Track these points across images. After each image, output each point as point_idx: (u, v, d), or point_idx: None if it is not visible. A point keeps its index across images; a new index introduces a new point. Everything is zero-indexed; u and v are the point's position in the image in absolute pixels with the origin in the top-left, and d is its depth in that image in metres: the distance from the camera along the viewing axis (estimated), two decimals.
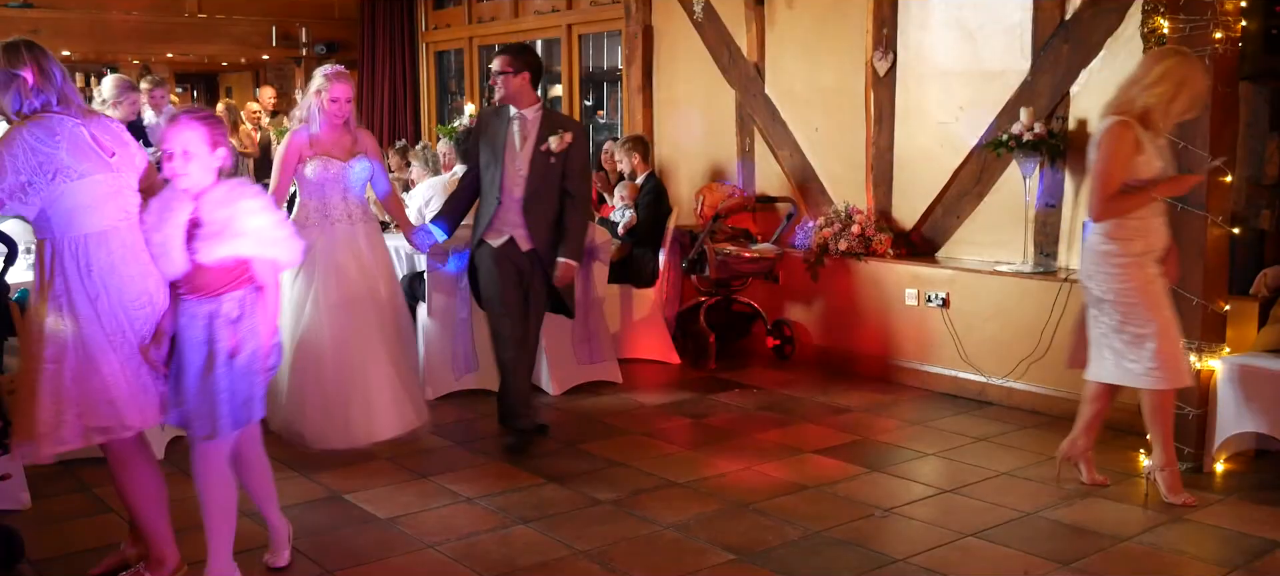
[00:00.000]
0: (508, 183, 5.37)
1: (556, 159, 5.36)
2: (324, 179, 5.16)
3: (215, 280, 3.59)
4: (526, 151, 5.36)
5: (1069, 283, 5.95)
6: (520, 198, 5.36)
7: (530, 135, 5.38)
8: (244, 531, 4.39)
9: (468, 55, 11.27)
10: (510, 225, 5.39)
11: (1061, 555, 4.11)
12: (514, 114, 5.41)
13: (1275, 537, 4.28)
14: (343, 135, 5.23)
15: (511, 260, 5.41)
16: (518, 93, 5.39)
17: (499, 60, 5.45)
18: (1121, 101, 4.53)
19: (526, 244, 5.40)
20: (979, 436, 5.67)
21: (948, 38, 6.77)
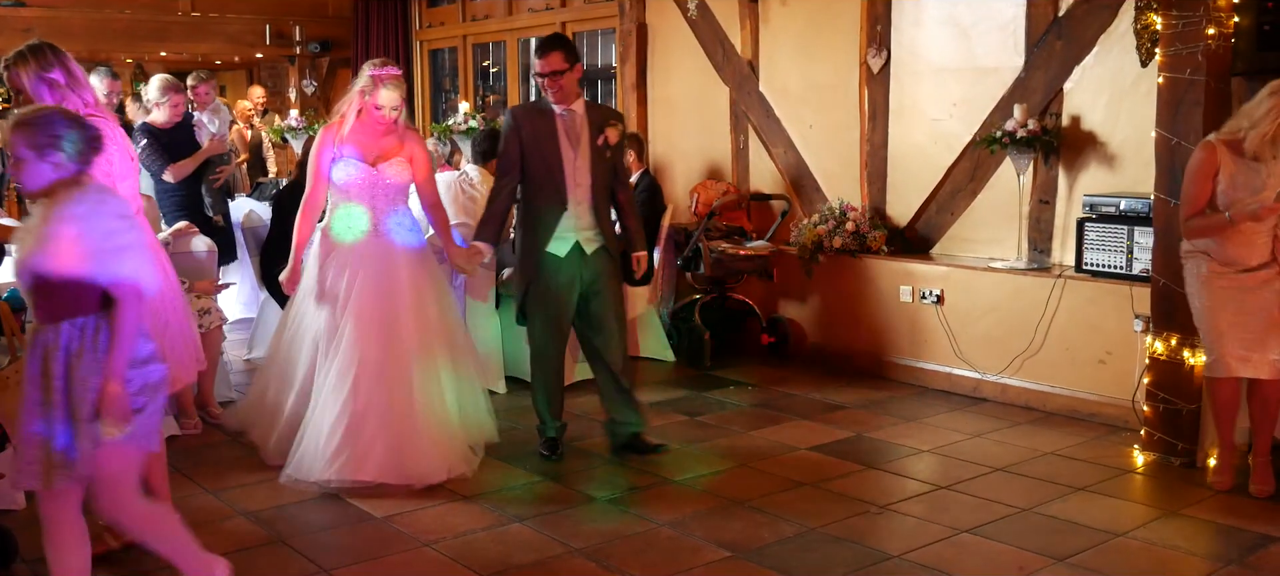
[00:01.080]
0: (569, 184, 5.02)
1: (611, 152, 5.10)
2: (351, 184, 4.82)
3: (54, 304, 3.14)
4: (584, 149, 5.04)
5: (1063, 279, 5.97)
6: (585, 198, 5.05)
7: (581, 131, 5.05)
8: (242, 530, 4.40)
9: (462, 53, 11.25)
10: (576, 228, 5.06)
11: (1056, 551, 4.13)
12: (558, 111, 5.04)
13: (1268, 532, 4.30)
14: (382, 138, 4.86)
15: (575, 270, 5.08)
16: (571, 89, 5.05)
17: (551, 58, 4.99)
18: (1227, 126, 4.67)
19: (594, 244, 5.11)
20: (973, 433, 5.69)
21: (941, 34, 6.78)
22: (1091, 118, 6.14)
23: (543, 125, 5.03)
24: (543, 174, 5.02)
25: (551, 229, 5.02)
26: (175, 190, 6.94)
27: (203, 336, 5.76)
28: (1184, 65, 4.98)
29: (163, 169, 6.89)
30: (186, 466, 5.17)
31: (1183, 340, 5.10)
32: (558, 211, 5.02)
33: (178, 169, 6.91)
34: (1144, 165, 5.52)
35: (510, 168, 5.11)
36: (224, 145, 7.25)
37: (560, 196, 5.01)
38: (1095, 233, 5.84)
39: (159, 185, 6.93)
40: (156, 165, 6.86)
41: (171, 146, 6.91)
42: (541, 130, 5.02)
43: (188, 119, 7.17)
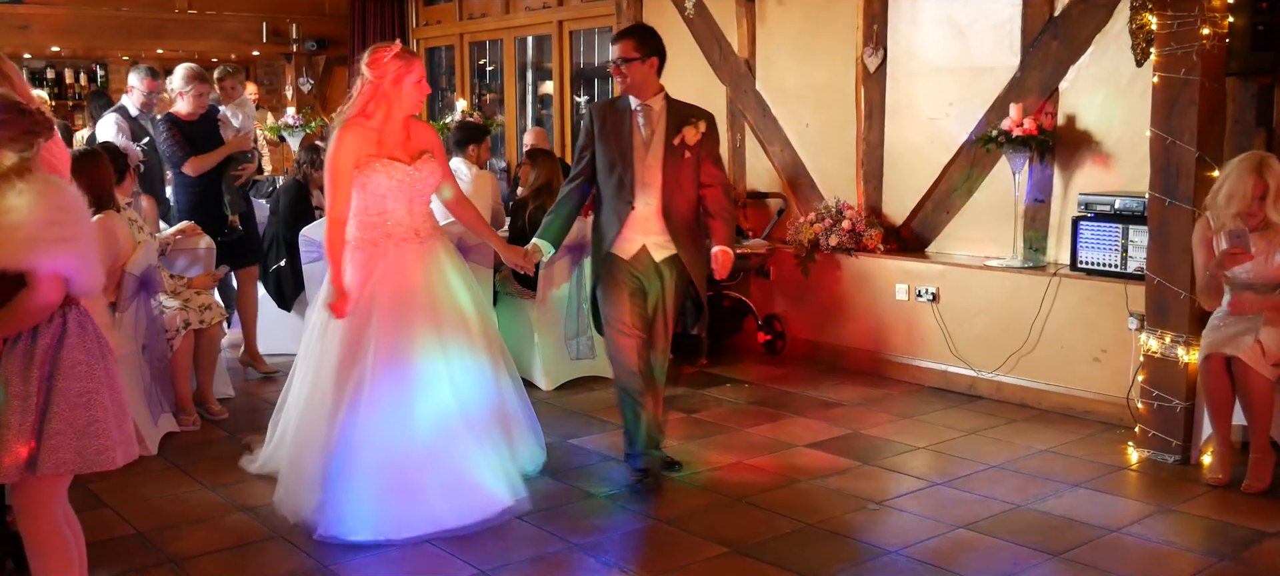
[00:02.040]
0: (639, 184, 4.68)
1: (691, 153, 4.69)
2: (386, 188, 4.28)
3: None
4: (657, 147, 4.69)
5: (1058, 277, 6.00)
6: (656, 200, 4.69)
7: (657, 128, 4.71)
8: (241, 525, 4.42)
9: (458, 52, 11.27)
10: (643, 232, 4.71)
11: (1051, 546, 4.16)
12: (635, 105, 4.72)
13: (1262, 528, 4.33)
14: (410, 132, 4.42)
15: (637, 274, 4.74)
16: (643, 82, 4.70)
17: (621, 45, 4.71)
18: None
19: (663, 251, 4.75)
20: (969, 430, 5.72)
21: (938, 34, 6.80)
22: (1087, 117, 6.17)
23: (616, 120, 4.73)
24: (611, 171, 4.72)
25: (616, 229, 4.72)
26: (193, 185, 6.63)
27: (202, 333, 5.80)
28: (1179, 65, 5.01)
29: (184, 160, 6.56)
30: (185, 462, 5.19)
31: (1177, 337, 5.13)
32: (624, 211, 4.69)
33: (199, 162, 6.57)
34: (1139, 164, 5.55)
35: (581, 162, 4.83)
36: (247, 142, 6.93)
37: (627, 196, 4.69)
38: (1090, 231, 5.87)
39: (177, 178, 6.68)
40: (177, 156, 6.56)
41: (194, 138, 6.59)
42: (614, 125, 4.72)
43: (212, 112, 6.88)
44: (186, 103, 6.61)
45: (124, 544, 4.21)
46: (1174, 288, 5.12)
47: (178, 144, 6.54)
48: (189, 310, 5.74)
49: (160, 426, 5.46)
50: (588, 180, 4.82)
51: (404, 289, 4.29)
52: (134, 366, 5.26)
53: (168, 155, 6.62)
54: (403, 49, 4.30)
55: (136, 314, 5.30)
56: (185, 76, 6.63)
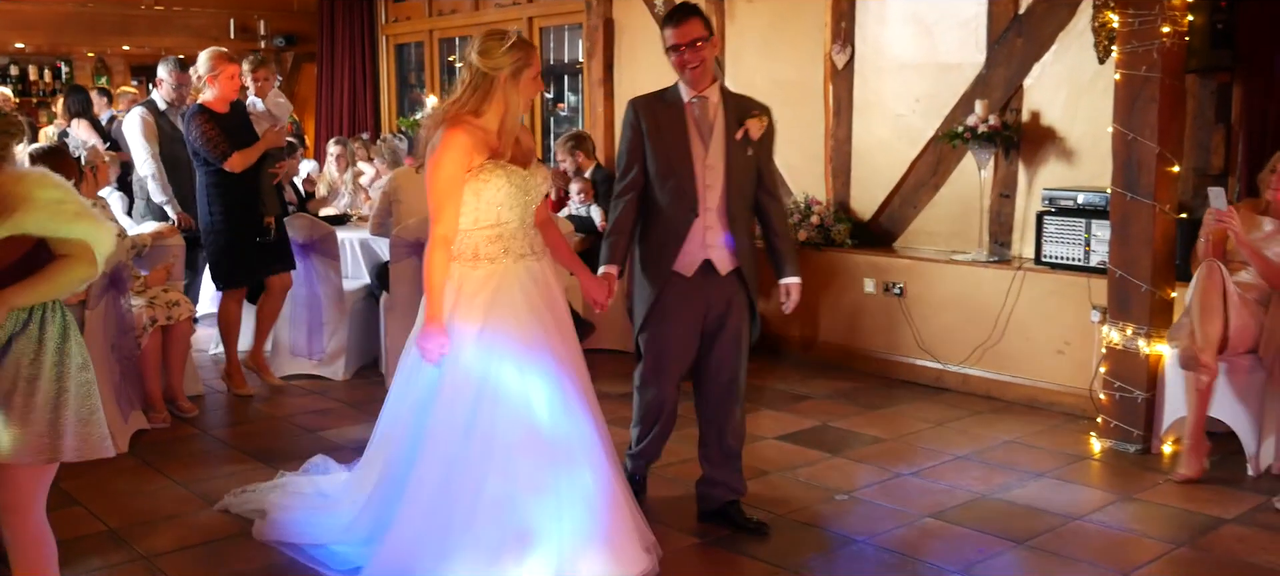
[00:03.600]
0: (701, 189, 4.09)
1: (753, 149, 4.15)
2: (503, 196, 3.64)
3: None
4: (719, 144, 4.10)
5: (1022, 271, 6.09)
6: (720, 206, 4.10)
7: (716, 122, 4.13)
8: (213, 522, 4.42)
9: (428, 48, 11.25)
10: (708, 245, 4.11)
11: (1016, 534, 4.23)
12: (688, 99, 4.13)
13: (1220, 515, 4.43)
14: (512, 132, 3.72)
15: (702, 296, 4.16)
16: (712, 69, 4.15)
17: (691, 24, 4.06)
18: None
19: (728, 264, 4.15)
20: (936, 421, 5.79)
21: (905, 31, 6.88)
22: (1051, 113, 6.26)
23: (668, 116, 4.13)
24: (668, 175, 4.11)
25: (679, 243, 4.11)
26: (230, 183, 5.99)
27: (170, 329, 5.79)
28: (1140, 62, 5.10)
29: (225, 155, 5.90)
30: (155, 459, 5.18)
31: (1138, 330, 5.22)
32: (686, 221, 4.10)
33: (243, 156, 5.95)
34: (1101, 160, 5.64)
35: (631, 169, 4.17)
36: (283, 138, 6.34)
37: (689, 202, 4.09)
38: (1054, 226, 5.97)
39: (211, 176, 6.02)
40: (216, 152, 5.90)
41: (230, 133, 5.99)
42: (667, 122, 4.12)
43: (240, 104, 6.31)
44: (216, 88, 6.02)
45: (95, 541, 4.20)
46: (1135, 281, 5.21)
47: (216, 137, 5.92)
48: (156, 307, 5.72)
49: (130, 424, 5.45)
50: (643, 190, 4.19)
51: (531, 320, 3.64)
52: (103, 364, 5.24)
53: (204, 149, 5.94)
54: (520, 36, 3.71)
55: (106, 311, 5.29)
56: (213, 59, 6.04)
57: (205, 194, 6.11)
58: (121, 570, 3.96)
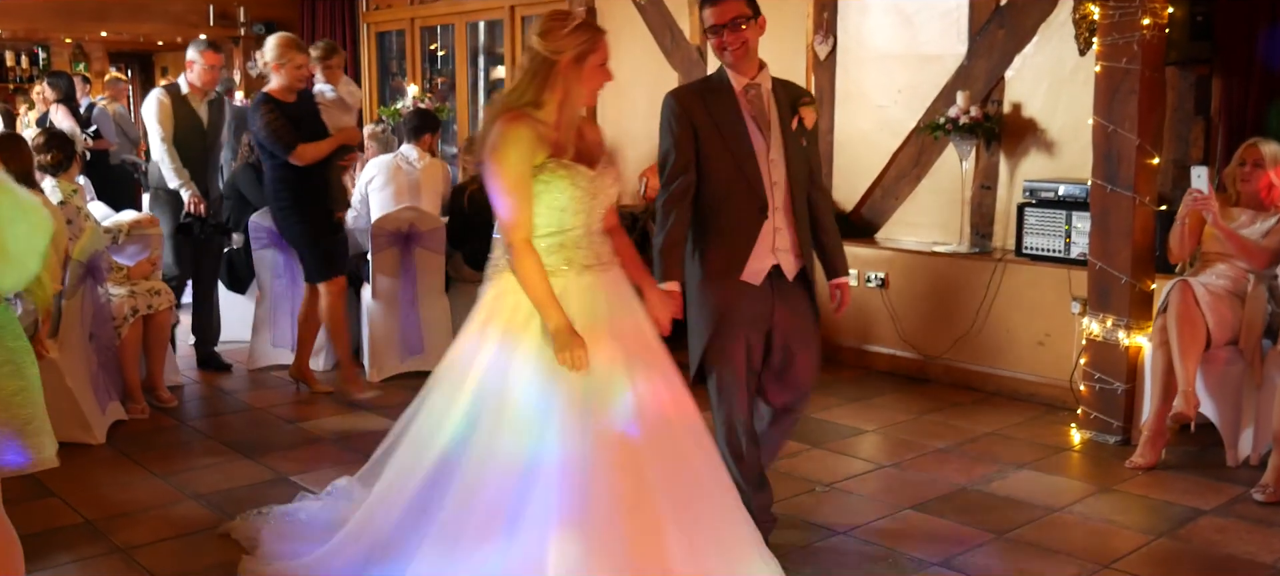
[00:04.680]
0: (769, 186, 3.71)
1: (807, 139, 3.83)
2: (567, 199, 3.24)
3: None
4: (778, 136, 3.73)
5: (1003, 263, 6.10)
6: (786, 204, 3.74)
7: (770, 112, 3.75)
8: (192, 514, 4.40)
9: (409, 36, 11.19)
10: (777, 249, 3.74)
11: (996, 526, 4.25)
12: (739, 86, 3.75)
13: (1198, 506, 4.46)
14: (583, 126, 3.38)
15: (768, 306, 3.76)
16: (755, 51, 3.75)
17: (727, 3, 3.67)
18: None
19: (795, 266, 3.81)
20: (917, 413, 5.81)
21: (886, 22, 6.88)
22: (1032, 105, 6.27)
23: (722, 107, 3.71)
24: (732, 173, 3.68)
25: (748, 248, 3.70)
26: (294, 178, 5.73)
27: (151, 319, 5.75)
28: (1120, 54, 5.11)
29: (290, 146, 5.63)
30: (134, 451, 5.15)
31: (1118, 321, 5.25)
32: (756, 222, 3.70)
33: (311, 149, 5.70)
34: (1082, 151, 5.66)
35: (684, 168, 3.69)
36: (358, 135, 6.02)
37: (758, 202, 3.69)
38: (1035, 217, 5.98)
39: (277, 171, 5.75)
40: (282, 143, 5.63)
41: (297, 123, 5.73)
42: (721, 113, 3.70)
43: (307, 93, 6.02)
44: (283, 76, 5.73)
45: (72, 533, 4.18)
46: (1115, 272, 5.23)
47: (281, 128, 5.64)
48: (137, 297, 5.68)
49: (108, 415, 5.41)
50: (694, 188, 3.73)
51: (595, 341, 3.19)
52: (80, 354, 5.20)
53: (268, 140, 5.66)
54: (587, 18, 3.36)
55: (83, 301, 5.24)
56: (281, 46, 5.74)
57: (273, 188, 5.86)
58: (98, 562, 3.93)
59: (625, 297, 3.37)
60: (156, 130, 6.30)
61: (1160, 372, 4.90)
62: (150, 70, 17.14)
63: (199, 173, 6.41)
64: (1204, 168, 4.90)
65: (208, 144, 6.48)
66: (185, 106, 6.35)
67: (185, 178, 6.28)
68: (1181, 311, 4.80)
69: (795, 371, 3.88)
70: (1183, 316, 4.80)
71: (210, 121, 6.47)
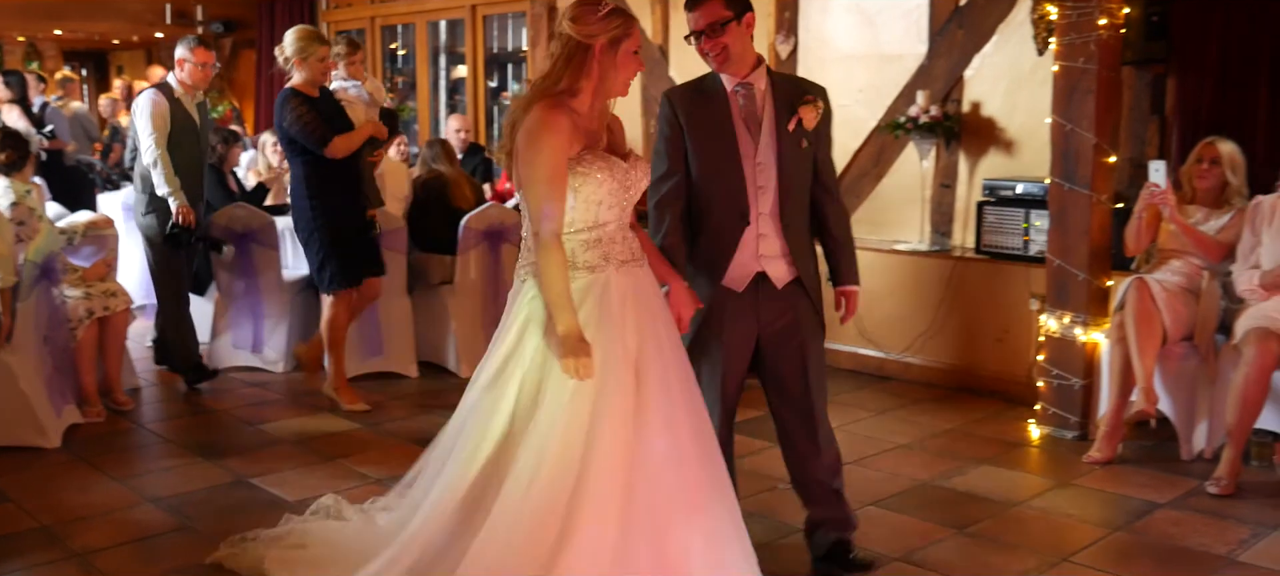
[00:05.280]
0: (752, 192, 3.55)
1: (808, 142, 3.60)
2: (604, 193, 3.14)
3: None
4: (769, 138, 3.55)
5: (963, 260, 6.16)
6: (773, 210, 3.56)
7: (764, 112, 3.57)
8: (149, 517, 4.35)
9: (370, 35, 11.13)
10: (762, 254, 3.58)
11: (957, 521, 4.29)
12: (731, 87, 3.58)
13: (1154, 499, 4.52)
14: (603, 116, 3.27)
15: (755, 314, 3.61)
16: (743, 53, 3.54)
17: (706, 8, 3.50)
18: None
19: (787, 275, 3.60)
20: (878, 410, 5.84)
21: (847, 21, 6.92)
22: (991, 104, 6.33)
23: (709, 109, 3.58)
24: (713, 177, 3.57)
25: (729, 254, 3.58)
26: (331, 176, 5.57)
27: (107, 321, 5.68)
28: (1078, 54, 5.17)
29: (325, 140, 5.48)
30: (90, 454, 5.08)
31: (1075, 318, 5.30)
32: (737, 229, 3.57)
33: (346, 141, 5.57)
34: (1040, 150, 5.71)
35: (672, 170, 3.61)
36: (383, 127, 5.97)
37: (739, 207, 3.56)
38: (994, 215, 6.04)
39: (307, 168, 5.57)
40: (316, 137, 5.48)
41: (328, 118, 5.62)
42: (708, 115, 3.57)
43: (328, 89, 5.92)
44: (307, 71, 5.59)
45: (27, 538, 4.12)
46: (1073, 270, 5.29)
47: (315, 122, 5.51)
48: (93, 298, 5.61)
49: (64, 418, 5.34)
50: (684, 189, 3.63)
51: (638, 338, 3.14)
52: (35, 357, 5.13)
53: (302, 135, 5.50)
54: (618, 3, 3.16)
55: (37, 303, 5.17)
56: (305, 39, 5.61)
57: (302, 187, 5.61)
58: (54, 568, 3.87)
59: (657, 296, 3.31)
60: (150, 133, 5.92)
61: (1117, 368, 4.97)
62: (105, 69, 16.94)
63: (195, 179, 6.14)
64: (1162, 162, 4.97)
65: (202, 147, 6.22)
66: (179, 108, 6.03)
67: (176, 186, 5.92)
68: (1138, 308, 4.86)
69: (784, 382, 3.69)
70: (1139, 313, 4.86)
71: (202, 123, 6.20)
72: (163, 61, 12.37)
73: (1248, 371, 4.54)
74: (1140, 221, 5.06)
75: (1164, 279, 4.97)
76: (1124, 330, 4.90)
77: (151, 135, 5.91)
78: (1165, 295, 4.88)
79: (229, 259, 6.45)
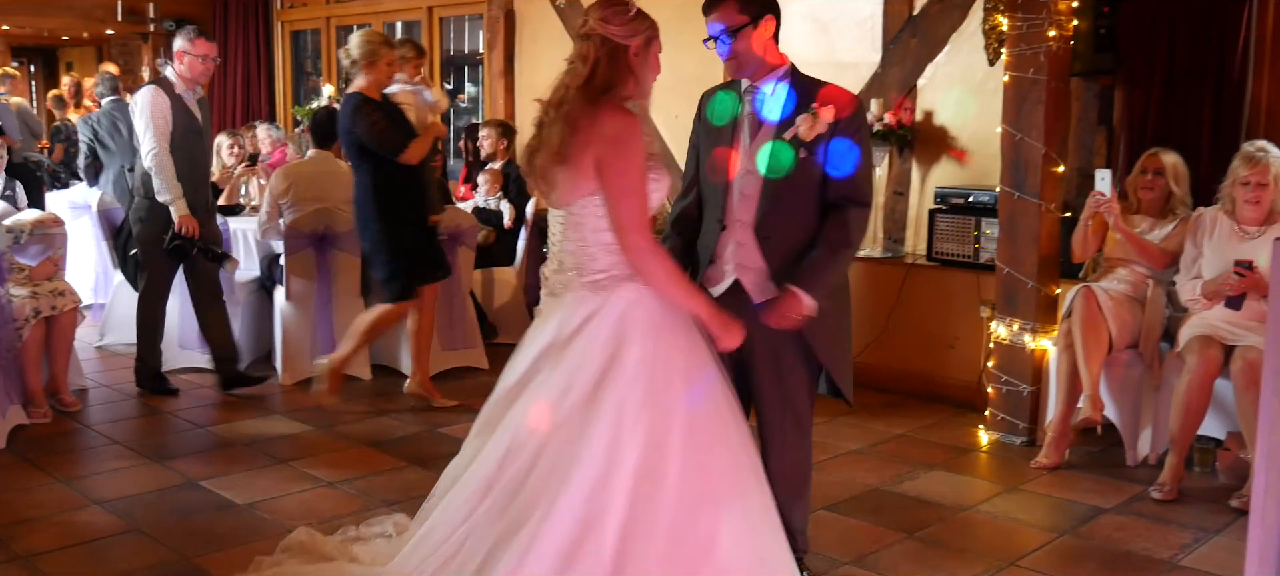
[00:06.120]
0: (734, 198, 3.39)
1: (808, 151, 3.31)
2: (657, 200, 3.12)
3: None
4: (763, 144, 3.38)
5: (915, 267, 6.22)
6: (751, 217, 3.37)
7: (768, 117, 3.40)
8: (96, 520, 4.29)
9: (325, 35, 11.05)
10: (737, 262, 3.40)
11: (907, 526, 4.33)
12: (748, 88, 3.45)
13: (1100, 504, 4.60)
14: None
15: (737, 319, 3.25)
16: (761, 55, 3.39)
17: (720, 11, 3.39)
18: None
19: (764, 288, 3.37)
20: (830, 415, 5.87)
21: (803, 29, 6.96)
22: (943, 113, 6.41)
23: (724, 106, 3.48)
24: (708, 179, 3.47)
25: (707, 256, 3.46)
26: (401, 183, 5.46)
27: (54, 320, 5.60)
28: (1028, 65, 5.24)
29: (401, 147, 5.39)
30: (35, 456, 5.00)
31: (1024, 325, 5.38)
32: (714, 234, 3.43)
33: (417, 148, 5.46)
34: (991, 159, 5.79)
35: (690, 185, 3.58)
36: (443, 129, 5.77)
37: (717, 213, 3.42)
38: (945, 223, 6.11)
39: (376, 176, 5.44)
40: (392, 144, 5.38)
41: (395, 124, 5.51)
42: (723, 115, 3.47)
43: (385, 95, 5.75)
44: (375, 75, 5.46)
45: None
46: (1022, 277, 5.36)
47: (390, 129, 5.42)
48: (40, 298, 5.53)
49: (8, 419, 5.25)
50: (700, 208, 3.54)
51: (692, 341, 3.09)
52: None
53: (375, 142, 5.38)
54: (638, 4, 3.12)
55: None
56: (374, 43, 5.47)
57: (370, 196, 5.48)
58: None
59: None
60: (152, 133, 5.61)
61: (1064, 375, 5.05)
62: (54, 66, 16.68)
63: (201, 182, 5.90)
64: (1107, 171, 5.06)
65: (207, 149, 5.96)
66: (180, 105, 5.72)
67: (179, 193, 5.63)
68: (1085, 316, 4.94)
69: (760, 399, 3.50)
70: (1086, 321, 4.94)
71: (205, 121, 5.92)
72: (113, 58, 12.20)
73: (1190, 379, 4.63)
74: (1086, 229, 5.15)
75: (1110, 287, 5.06)
76: (1071, 337, 4.98)
77: (153, 135, 5.61)
78: (1111, 303, 4.97)
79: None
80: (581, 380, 2.99)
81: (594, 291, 3.05)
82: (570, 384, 2.99)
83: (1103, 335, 4.94)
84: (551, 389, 3.01)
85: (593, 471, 2.91)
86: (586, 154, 2.96)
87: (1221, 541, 4.21)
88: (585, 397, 2.98)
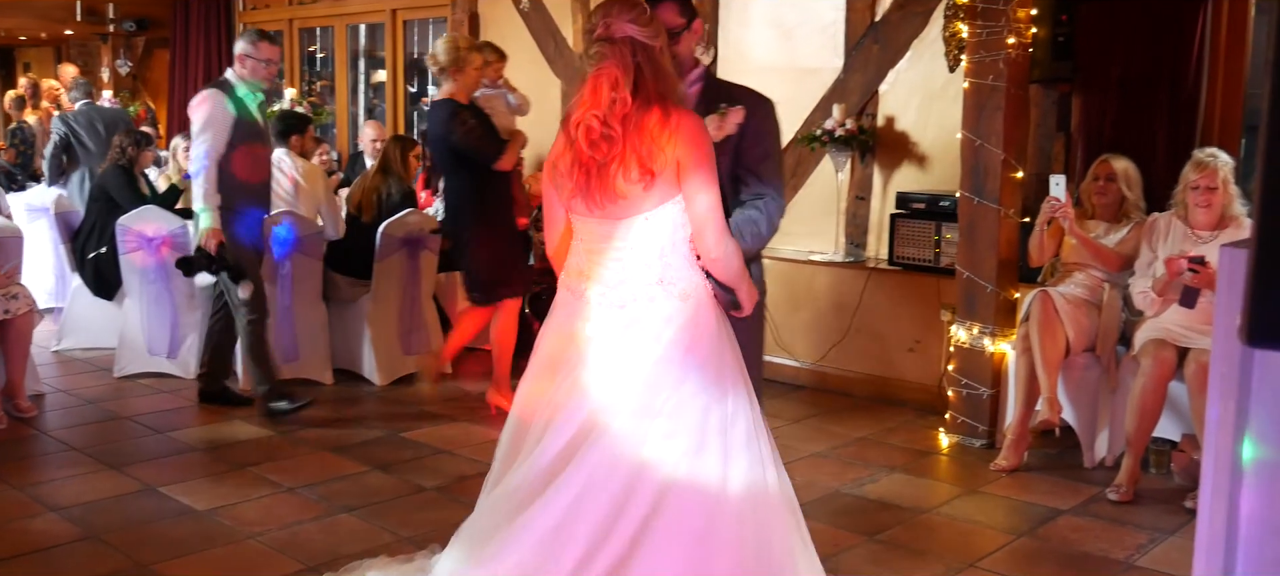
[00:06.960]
0: None
1: (719, 150, 3.17)
2: None
3: None
4: None
5: (877, 271, 6.27)
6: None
7: None
8: (52, 527, 4.24)
9: (288, 37, 10.98)
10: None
11: (868, 528, 4.37)
12: None
13: (1056, 506, 4.65)
14: None
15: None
16: (685, 59, 3.47)
17: (664, 10, 3.27)
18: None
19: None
20: (793, 418, 5.92)
21: (766, 35, 7.01)
22: (904, 119, 6.46)
23: None
24: None
25: None
26: (493, 188, 5.43)
27: (9, 323, 5.52)
28: (987, 72, 5.30)
29: (498, 153, 5.35)
30: None
31: (984, 329, 5.44)
32: None
33: (510, 154, 5.44)
34: (951, 165, 5.85)
35: None
36: (525, 136, 5.75)
37: None
38: (906, 228, 6.16)
39: (473, 182, 5.38)
40: (490, 150, 5.35)
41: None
42: None
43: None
44: (464, 80, 5.40)
45: None
46: (981, 282, 5.42)
47: (486, 135, 5.36)
48: None
49: None
50: None
51: (732, 345, 3.08)
52: None
53: (473, 148, 5.32)
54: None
55: None
56: (460, 47, 5.43)
57: (468, 200, 5.45)
58: None
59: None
60: (208, 137, 5.39)
61: (1023, 379, 5.10)
62: (12, 67, 16.45)
63: (262, 187, 5.70)
64: (1062, 176, 5.12)
65: (268, 153, 5.80)
66: (243, 110, 5.52)
67: (215, 204, 5.38)
68: (1042, 320, 5.00)
69: None
70: (1044, 324, 5.00)
71: (266, 127, 5.80)
72: (72, 59, 12.05)
73: (1145, 381, 4.70)
74: (1042, 234, 5.21)
75: (1067, 291, 5.12)
76: (1029, 341, 5.04)
77: (207, 139, 5.40)
78: (1068, 307, 5.03)
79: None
80: (714, 414, 2.93)
81: (682, 299, 2.98)
82: (704, 421, 2.91)
83: (1060, 339, 5.00)
84: (688, 422, 2.91)
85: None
86: (666, 156, 2.90)
87: (1176, 542, 4.27)
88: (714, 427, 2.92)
